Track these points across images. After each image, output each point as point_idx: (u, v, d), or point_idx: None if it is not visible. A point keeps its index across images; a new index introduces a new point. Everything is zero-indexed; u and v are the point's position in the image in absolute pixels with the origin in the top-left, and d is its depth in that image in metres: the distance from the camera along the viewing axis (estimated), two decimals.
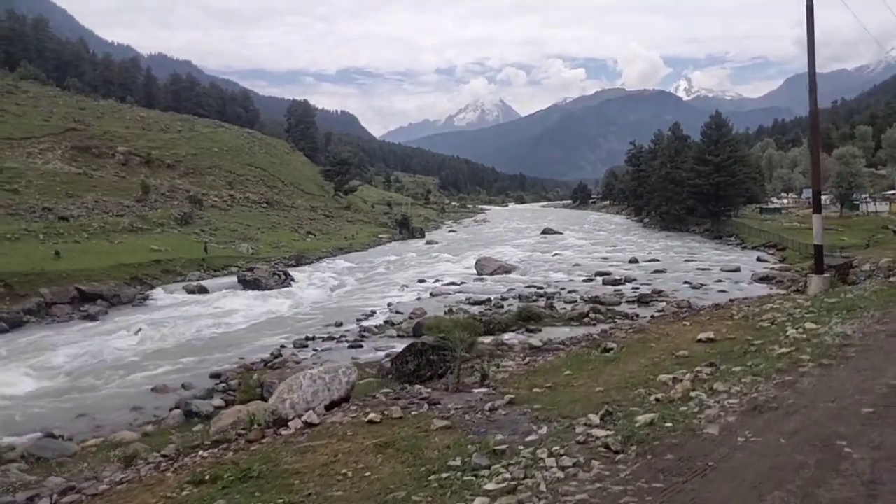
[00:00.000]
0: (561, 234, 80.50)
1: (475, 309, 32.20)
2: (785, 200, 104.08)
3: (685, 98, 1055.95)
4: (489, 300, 34.21)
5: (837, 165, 76.88)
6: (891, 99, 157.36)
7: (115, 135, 78.15)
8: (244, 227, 65.39)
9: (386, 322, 30.15)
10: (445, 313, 30.77)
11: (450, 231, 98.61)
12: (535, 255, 57.78)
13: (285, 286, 43.61)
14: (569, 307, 30.68)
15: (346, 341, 26.41)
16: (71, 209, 54.72)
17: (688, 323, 14.93)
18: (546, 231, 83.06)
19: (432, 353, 19.66)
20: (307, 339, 27.24)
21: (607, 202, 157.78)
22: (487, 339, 24.71)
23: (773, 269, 40.46)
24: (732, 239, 61.76)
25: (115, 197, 61.20)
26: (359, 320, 31.03)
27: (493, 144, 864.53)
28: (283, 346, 26.14)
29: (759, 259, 46.04)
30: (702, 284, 35.50)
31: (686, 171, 69.00)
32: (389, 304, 34.65)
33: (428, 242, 75.47)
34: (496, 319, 25.87)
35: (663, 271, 42.06)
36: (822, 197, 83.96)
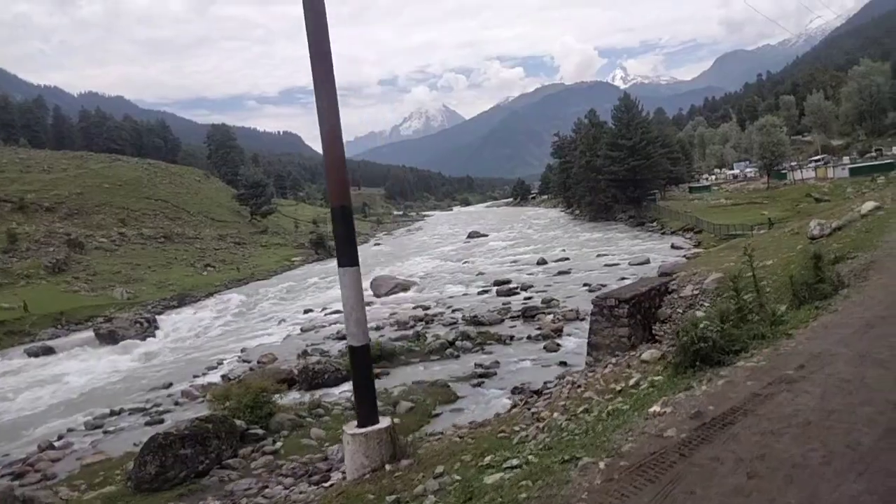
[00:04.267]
0: (486, 236, 76.29)
1: (338, 346, 27.49)
2: (714, 177, 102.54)
3: (622, 86, 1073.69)
4: None
5: (760, 136, 74.96)
6: (811, 69, 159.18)
7: None
8: (130, 269, 59.12)
9: (223, 377, 25.05)
10: (299, 356, 26.02)
11: (375, 245, 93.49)
12: (446, 264, 53.26)
13: (147, 335, 38.05)
14: (443, 333, 26.14)
15: (151, 414, 21.24)
16: None
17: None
18: (472, 235, 78.79)
19: (183, 444, 14.65)
20: (111, 413, 22.09)
21: (545, 197, 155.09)
22: (315, 395, 19.99)
23: (685, 256, 36.67)
24: (654, 224, 58.40)
25: None
26: (195, 376, 26.06)
27: (440, 150, 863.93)
28: (70, 430, 20.91)
29: (673, 246, 42.41)
30: (602, 286, 31.32)
31: (602, 158, 65.55)
32: (243, 350, 29.61)
33: None
34: (328, 369, 20.93)
35: (568, 272, 38.00)
36: (749, 169, 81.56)
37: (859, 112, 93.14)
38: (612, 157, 63.45)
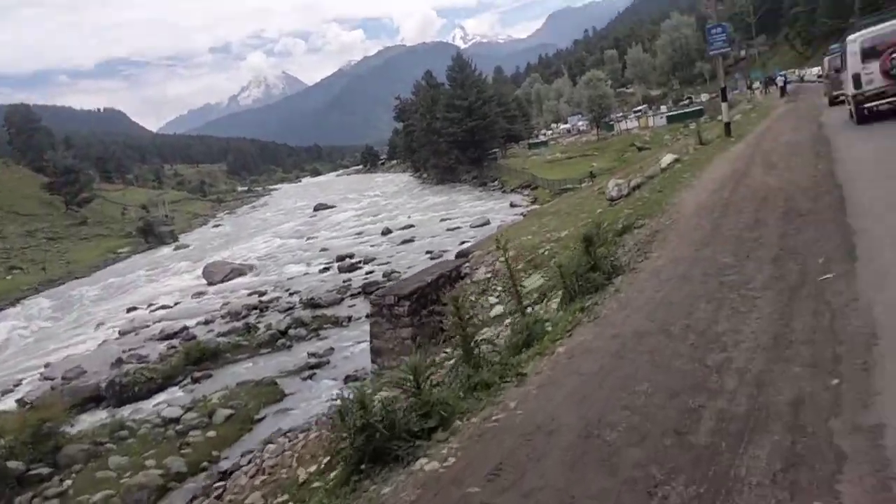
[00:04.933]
0: (333, 207, 73.79)
1: (160, 348, 24.68)
2: (550, 132, 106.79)
3: (463, 46, 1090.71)
4: (184, 329, 26.60)
5: (588, 90, 78.49)
6: (631, 24, 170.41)
7: None
8: None
9: (19, 401, 21.46)
10: (112, 366, 22.97)
11: (214, 226, 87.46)
12: (289, 242, 50.57)
13: None
14: (276, 321, 24.26)
15: None
16: None
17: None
18: (318, 207, 75.87)
19: None
20: None
21: (395, 162, 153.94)
22: (121, 413, 17.54)
23: (522, 213, 37.33)
24: (496, 184, 59.47)
25: None
26: None
27: (284, 119, 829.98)
28: None
29: (512, 204, 43.18)
30: (443, 252, 30.87)
31: (441, 120, 65.30)
32: (47, 365, 25.72)
33: (176, 248, 64.69)
34: (138, 380, 18.43)
35: (411, 241, 37.30)
36: (581, 122, 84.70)
37: (672, 63, 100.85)
38: (449, 119, 63.35)
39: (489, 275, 8.67)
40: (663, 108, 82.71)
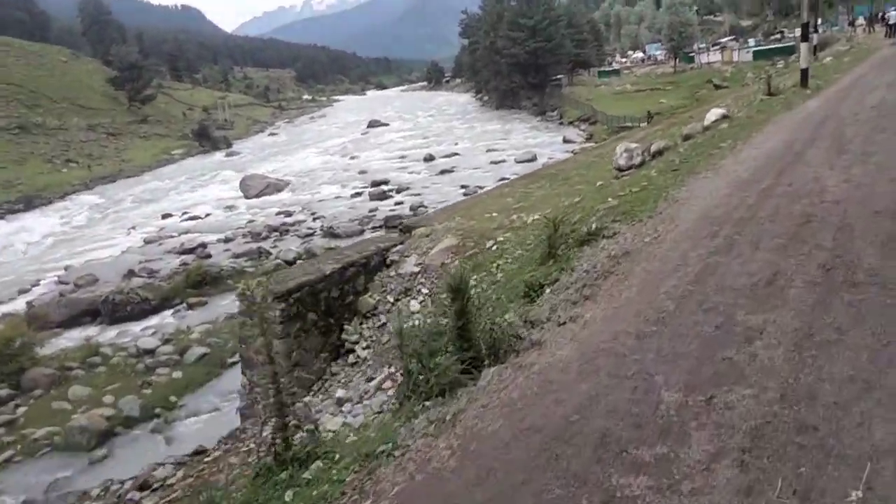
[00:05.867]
0: (387, 125, 71.73)
1: (175, 262, 24.17)
2: (625, 61, 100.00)
3: None
4: (202, 246, 25.96)
5: (668, 15, 72.04)
6: None
7: None
8: None
9: (29, 304, 21.38)
10: (123, 277, 22.60)
11: (270, 135, 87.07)
12: (333, 159, 49.27)
13: None
14: (292, 248, 23.20)
15: None
16: None
17: None
18: (372, 124, 73.94)
19: None
20: None
21: (459, 81, 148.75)
22: (105, 334, 16.99)
23: (573, 151, 34.51)
24: (555, 114, 55.76)
25: None
26: None
27: (357, 27, 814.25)
28: None
29: (565, 140, 40.14)
30: (479, 188, 28.81)
31: (502, 39, 60.84)
32: (67, 268, 25.71)
33: (228, 154, 64.58)
34: (132, 299, 17.73)
35: (451, 171, 35.25)
36: (658, 52, 78.68)
37: None
38: (512, 38, 58.82)
39: (418, 267, 6.77)
40: (751, 42, 75.20)
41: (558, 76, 65.57)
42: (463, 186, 29.92)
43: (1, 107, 67.50)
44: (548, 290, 4.51)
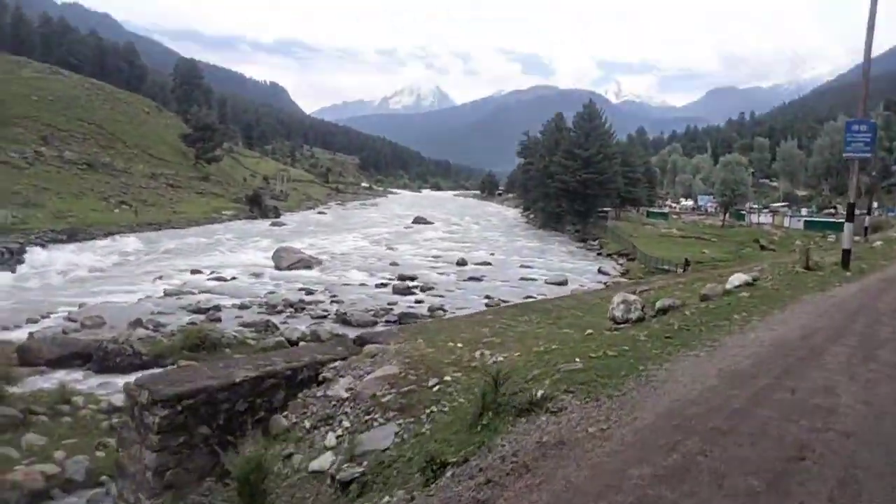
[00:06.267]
0: (431, 224, 72.91)
1: (185, 320, 23.97)
2: (676, 206, 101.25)
3: (614, 101, 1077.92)
4: (216, 309, 25.81)
5: (724, 172, 73.23)
6: (793, 117, 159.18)
7: None
8: (35, 192, 54.18)
9: (31, 334, 21.25)
10: (129, 325, 22.38)
11: (318, 213, 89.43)
12: (369, 247, 49.75)
13: (3, 268, 33.86)
14: (300, 327, 22.75)
15: None
16: None
17: None
18: (417, 220, 75.35)
19: None
20: None
21: (511, 195, 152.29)
22: (85, 382, 16.54)
23: (605, 283, 33.92)
24: (595, 243, 55.77)
25: None
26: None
27: (426, 130, 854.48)
28: None
29: (600, 270, 39.68)
30: (502, 301, 28.28)
31: (555, 165, 62.38)
32: (81, 306, 25.78)
33: (273, 224, 66.18)
34: (124, 351, 17.37)
35: (480, 279, 34.91)
36: (710, 204, 79.37)
37: (827, 166, 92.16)
38: (565, 165, 60.27)
39: (348, 393, 6.02)
40: (804, 211, 75.40)
41: (605, 209, 66.32)
42: (487, 297, 29.43)
43: (77, 143, 71.73)
44: (449, 473, 3.70)
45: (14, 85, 72.79)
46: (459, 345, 6.32)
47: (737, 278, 8.56)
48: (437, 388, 5.30)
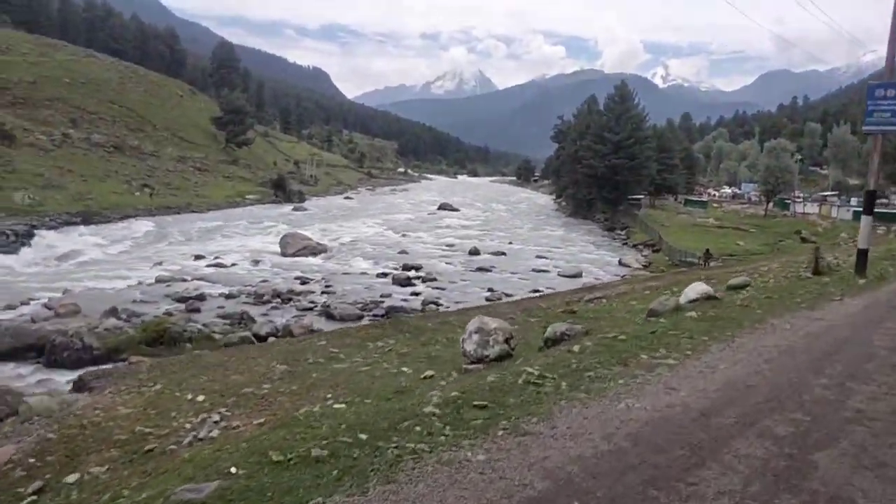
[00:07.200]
0: (456, 211, 71.08)
1: (164, 309, 22.92)
2: (716, 194, 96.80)
3: (661, 85, 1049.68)
4: (200, 298, 24.67)
5: (767, 158, 68.99)
6: (848, 101, 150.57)
7: None
8: (59, 174, 54.36)
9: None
10: (103, 314, 21.35)
11: (345, 198, 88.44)
12: (384, 234, 48.29)
13: (7, 251, 33.57)
14: (280, 320, 21.35)
15: None
16: None
17: None
18: (442, 207, 73.62)
19: None
20: None
21: (546, 182, 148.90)
22: (41, 377, 15.55)
23: (623, 276, 31.62)
24: (622, 233, 53.03)
25: None
26: None
27: (468, 115, 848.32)
28: None
29: (621, 262, 37.25)
30: (507, 294, 26.39)
31: (584, 149, 59.38)
32: (65, 292, 25.04)
33: (295, 209, 65.37)
34: (73, 345, 16.21)
35: (489, 270, 33.02)
36: (752, 192, 75.14)
37: (883, 153, 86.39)
38: (594, 150, 57.26)
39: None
40: (853, 201, 70.60)
41: (638, 196, 63.14)
42: (490, 290, 27.60)
43: (106, 125, 72.17)
44: None
45: (47, 67, 73.59)
46: (200, 398, 4.59)
47: (694, 290, 6.60)
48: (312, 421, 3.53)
